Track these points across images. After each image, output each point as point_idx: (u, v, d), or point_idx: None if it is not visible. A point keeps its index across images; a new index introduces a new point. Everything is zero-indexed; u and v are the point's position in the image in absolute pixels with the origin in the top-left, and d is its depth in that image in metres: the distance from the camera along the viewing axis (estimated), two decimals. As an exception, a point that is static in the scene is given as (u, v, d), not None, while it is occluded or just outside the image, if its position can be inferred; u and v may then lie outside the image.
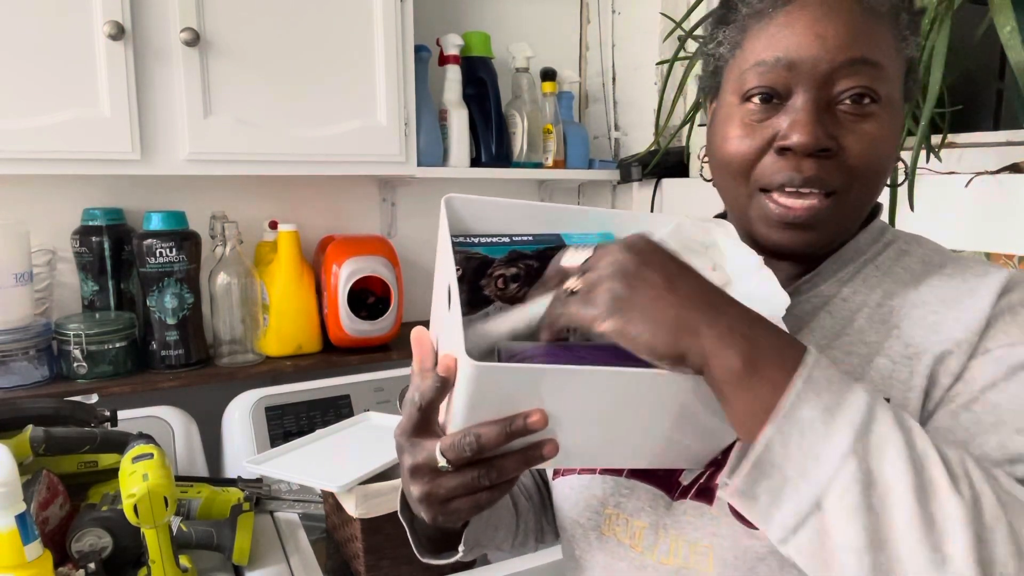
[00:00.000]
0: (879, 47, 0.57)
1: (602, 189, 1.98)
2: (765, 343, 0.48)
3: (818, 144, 0.57)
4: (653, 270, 0.49)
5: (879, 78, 0.57)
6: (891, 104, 0.59)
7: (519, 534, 0.80)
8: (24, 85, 1.19)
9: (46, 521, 1.02)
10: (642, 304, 0.48)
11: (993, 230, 1.08)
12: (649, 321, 0.48)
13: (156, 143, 1.29)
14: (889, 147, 0.59)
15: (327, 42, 1.41)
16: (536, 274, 0.62)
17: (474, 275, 0.61)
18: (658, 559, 0.62)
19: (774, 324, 0.51)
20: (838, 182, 0.58)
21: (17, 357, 1.33)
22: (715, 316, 0.48)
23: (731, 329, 0.48)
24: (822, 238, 0.61)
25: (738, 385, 0.48)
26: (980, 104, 1.30)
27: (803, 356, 0.48)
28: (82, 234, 1.43)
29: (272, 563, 1.14)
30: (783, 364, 0.47)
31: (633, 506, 0.65)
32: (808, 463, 0.46)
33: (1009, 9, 0.89)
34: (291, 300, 1.56)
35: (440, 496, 0.54)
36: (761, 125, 0.60)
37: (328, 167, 1.45)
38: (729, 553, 0.58)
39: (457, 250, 0.60)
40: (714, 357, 0.47)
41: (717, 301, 0.49)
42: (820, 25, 0.57)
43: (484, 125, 1.69)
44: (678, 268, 0.50)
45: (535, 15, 1.93)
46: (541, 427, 0.50)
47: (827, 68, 0.57)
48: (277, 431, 1.42)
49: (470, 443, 0.51)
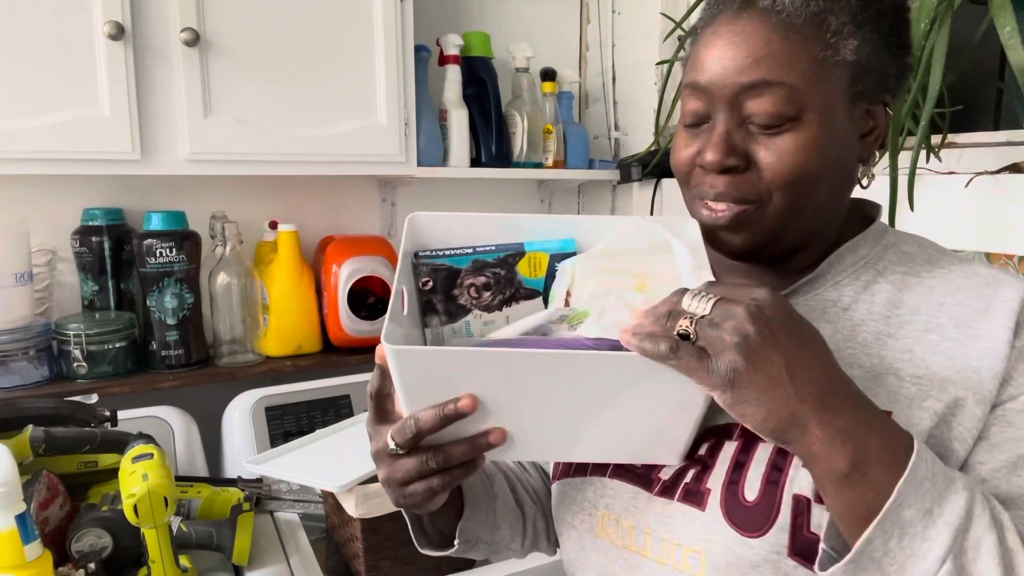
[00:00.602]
0: (788, 64, 0.57)
1: (602, 189, 1.98)
2: (874, 445, 0.50)
3: (722, 163, 0.59)
4: (777, 350, 0.49)
5: (787, 97, 0.57)
6: (815, 112, 0.58)
7: (528, 534, 0.81)
8: (24, 85, 1.19)
9: (46, 521, 1.02)
10: (760, 386, 0.49)
11: (993, 230, 1.08)
12: (762, 406, 0.49)
13: (156, 143, 1.29)
14: (811, 156, 0.58)
15: (327, 42, 1.41)
16: (505, 281, 0.65)
17: (445, 285, 0.66)
18: (654, 558, 0.63)
19: (885, 418, 0.52)
20: (752, 194, 0.60)
21: (17, 357, 1.33)
22: (829, 416, 0.50)
23: (842, 433, 0.49)
24: (756, 239, 0.62)
25: (843, 485, 0.50)
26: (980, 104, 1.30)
27: (909, 456, 0.49)
28: (82, 234, 1.43)
29: (272, 563, 1.14)
30: (889, 467, 0.49)
31: (619, 506, 0.66)
32: (907, 562, 0.49)
33: (1009, 9, 0.89)
34: (291, 300, 1.56)
35: (397, 479, 0.59)
36: (693, 139, 0.63)
37: (328, 167, 1.45)
38: (722, 559, 0.58)
39: (424, 263, 0.66)
40: (820, 457, 0.50)
41: (834, 395, 0.50)
42: (726, 48, 0.59)
43: (484, 125, 1.69)
44: (802, 347, 0.50)
45: (535, 15, 1.93)
46: (471, 409, 0.54)
47: (730, 92, 0.59)
48: (277, 431, 1.42)
49: (410, 427, 0.55)
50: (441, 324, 0.67)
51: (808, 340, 0.51)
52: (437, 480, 0.58)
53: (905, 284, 0.63)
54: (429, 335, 0.67)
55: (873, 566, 0.49)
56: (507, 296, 0.66)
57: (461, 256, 0.66)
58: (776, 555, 0.56)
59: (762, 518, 0.57)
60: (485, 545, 0.77)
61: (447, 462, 0.57)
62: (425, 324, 0.67)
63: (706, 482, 0.61)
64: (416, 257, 0.66)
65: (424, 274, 0.66)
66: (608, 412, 0.57)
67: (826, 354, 0.52)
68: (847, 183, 0.64)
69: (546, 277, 0.66)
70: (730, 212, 0.61)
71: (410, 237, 0.67)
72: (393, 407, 0.60)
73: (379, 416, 0.61)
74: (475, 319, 0.67)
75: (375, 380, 0.60)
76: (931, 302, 0.61)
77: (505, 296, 0.66)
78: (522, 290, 0.66)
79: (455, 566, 1.19)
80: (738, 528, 0.58)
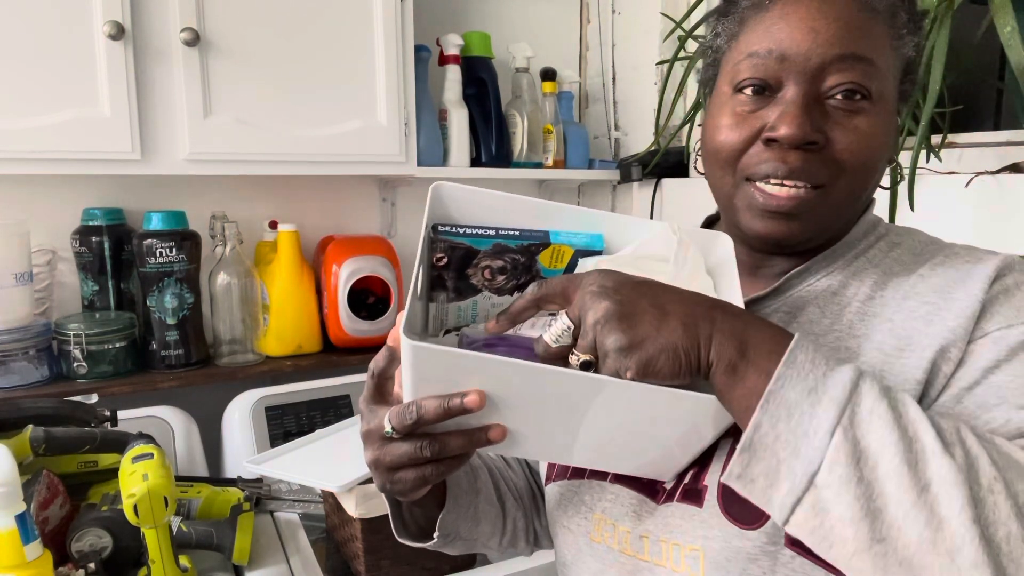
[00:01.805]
0: (873, 44, 0.57)
1: (602, 189, 1.98)
2: (756, 335, 0.51)
3: (805, 137, 0.57)
4: (635, 299, 0.51)
5: (871, 75, 0.57)
6: (883, 100, 0.59)
7: (506, 533, 0.80)
8: (24, 85, 1.19)
9: (46, 521, 1.02)
10: (647, 337, 0.50)
11: (993, 230, 1.08)
12: (662, 344, 0.49)
13: (156, 143, 1.29)
14: (879, 143, 0.59)
15: (327, 42, 1.41)
16: (522, 268, 0.63)
17: (459, 264, 0.63)
18: (652, 561, 0.62)
19: (761, 317, 0.53)
20: (824, 175, 0.58)
21: (17, 357, 1.33)
22: (717, 322, 0.51)
23: (731, 331, 0.51)
24: (806, 229, 0.61)
25: (734, 376, 0.50)
26: (980, 104, 1.30)
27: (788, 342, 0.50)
28: (82, 234, 1.43)
29: (272, 563, 1.14)
30: (771, 352, 0.50)
31: (618, 511, 0.65)
32: (798, 442, 0.47)
33: (1009, 9, 0.89)
34: (291, 300, 1.56)
35: (386, 463, 0.57)
36: (751, 115, 0.60)
37: (328, 167, 1.45)
38: (720, 555, 0.58)
39: (442, 239, 0.61)
40: (717, 356, 0.50)
41: (703, 306, 0.52)
42: (814, 19, 0.57)
43: (484, 125, 1.69)
44: (654, 290, 0.52)
45: (535, 15, 1.93)
46: (477, 407, 0.53)
47: (818, 62, 0.57)
48: (277, 431, 1.42)
49: (411, 413, 0.54)
50: (447, 301, 0.65)
51: (653, 283, 0.53)
52: (430, 469, 0.57)
53: (890, 269, 0.64)
54: (433, 310, 0.65)
55: (767, 452, 0.48)
56: (521, 283, 0.64)
57: (483, 238, 0.62)
58: (773, 545, 0.56)
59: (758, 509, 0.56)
60: (463, 541, 0.76)
61: (441, 452, 0.56)
62: (431, 299, 0.65)
63: (703, 479, 0.61)
64: (435, 230, 0.62)
65: (440, 249, 0.62)
66: (617, 431, 0.57)
67: (675, 288, 0.53)
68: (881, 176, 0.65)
69: (565, 270, 0.63)
70: (796, 196, 0.59)
71: (433, 208, 0.63)
72: (392, 389, 0.59)
73: (376, 396, 0.59)
74: (484, 299, 0.64)
75: (381, 360, 0.58)
76: (911, 276, 0.62)
77: (520, 282, 0.63)
78: (539, 279, 0.63)
79: (455, 566, 1.19)
80: (736, 521, 0.58)
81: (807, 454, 0.47)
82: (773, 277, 0.67)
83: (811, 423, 0.47)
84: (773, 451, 0.48)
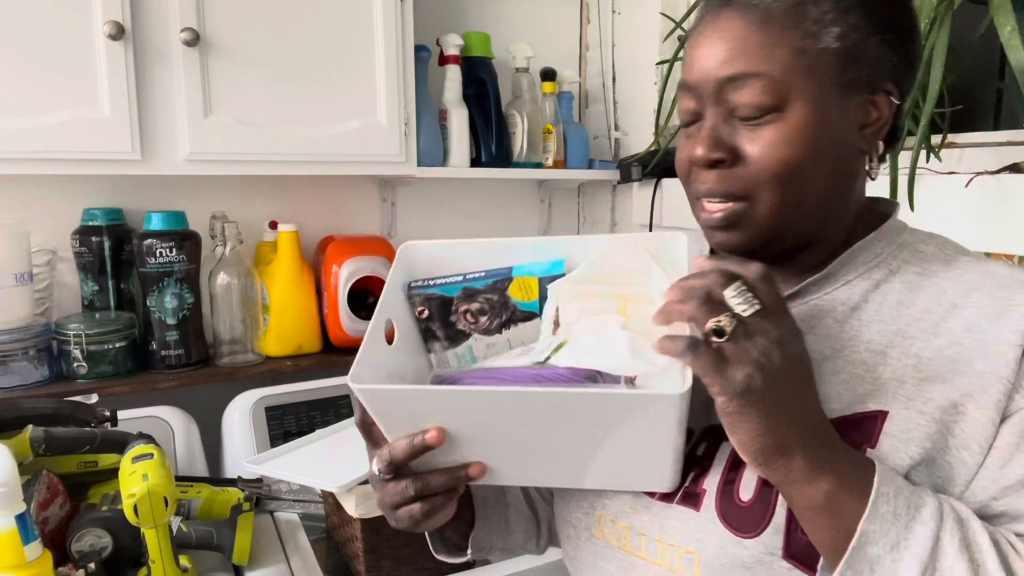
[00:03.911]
0: (769, 54, 0.57)
1: (602, 189, 1.98)
2: (847, 479, 0.51)
3: (705, 158, 0.60)
4: (790, 382, 0.51)
5: (768, 88, 0.57)
6: (801, 104, 0.57)
7: (542, 535, 0.83)
8: (24, 85, 1.19)
9: (46, 521, 1.02)
10: (766, 406, 0.50)
11: (993, 230, 1.08)
12: (760, 425, 0.50)
13: (156, 143, 1.29)
14: (796, 149, 0.58)
15: (327, 42, 1.41)
16: (500, 306, 0.68)
17: (440, 313, 0.69)
18: (648, 559, 0.62)
19: (858, 454, 0.54)
20: (742, 188, 0.60)
21: (17, 357, 1.33)
22: (813, 449, 0.51)
23: (821, 465, 0.51)
24: (749, 239, 0.62)
25: (818, 515, 0.52)
26: (980, 104, 1.30)
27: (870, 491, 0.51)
28: (82, 234, 1.43)
29: (272, 563, 1.14)
30: (858, 501, 0.51)
31: (617, 508, 0.66)
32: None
33: (1009, 9, 0.89)
34: (291, 300, 1.56)
35: (386, 502, 0.62)
36: (690, 139, 0.64)
37: (328, 167, 1.45)
38: (715, 560, 0.58)
39: (416, 293, 0.69)
40: (798, 487, 0.52)
41: (820, 431, 0.53)
42: (712, 43, 0.60)
43: (484, 125, 1.69)
44: (805, 384, 0.52)
45: (535, 15, 1.93)
46: (437, 442, 0.56)
47: (715, 86, 0.59)
48: (277, 431, 1.42)
49: (384, 456, 0.59)
50: (444, 349, 0.70)
51: (812, 383, 0.53)
52: (418, 507, 0.61)
53: (917, 285, 0.61)
54: (434, 360, 0.70)
55: None
56: (504, 320, 0.68)
57: (451, 284, 0.68)
58: (770, 556, 0.56)
59: (757, 518, 0.57)
60: (499, 550, 0.79)
61: (425, 490, 0.60)
62: (428, 350, 0.70)
63: (702, 483, 0.60)
64: (409, 288, 0.69)
65: (419, 303, 0.68)
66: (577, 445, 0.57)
67: (818, 399, 0.54)
68: (848, 176, 0.62)
69: (539, 299, 0.67)
70: (721, 211, 0.61)
71: (400, 267, 0.69)
72: (380, 433, 0.62)
73: (370, 442, 0.63)
74: (477, 342, 0.69)
75: (357, 412, 0.62)
76: (943, 303, 0.60)
77: (503, 320, 0.68)
78: (518, 313, 0.68)
79: (455, 566, 1.19)
80: (732, 528, 0.58)
81: None
82: (790, 281, 0.66)
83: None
84: None
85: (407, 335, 0.69)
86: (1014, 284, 0.58)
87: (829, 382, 0.60)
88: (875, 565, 0.50)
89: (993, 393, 0.55)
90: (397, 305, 0.68)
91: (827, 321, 0.62)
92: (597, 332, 0.59)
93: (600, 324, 0.60)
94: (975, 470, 0.55)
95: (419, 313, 0.69)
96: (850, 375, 0.59)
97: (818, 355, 0.61)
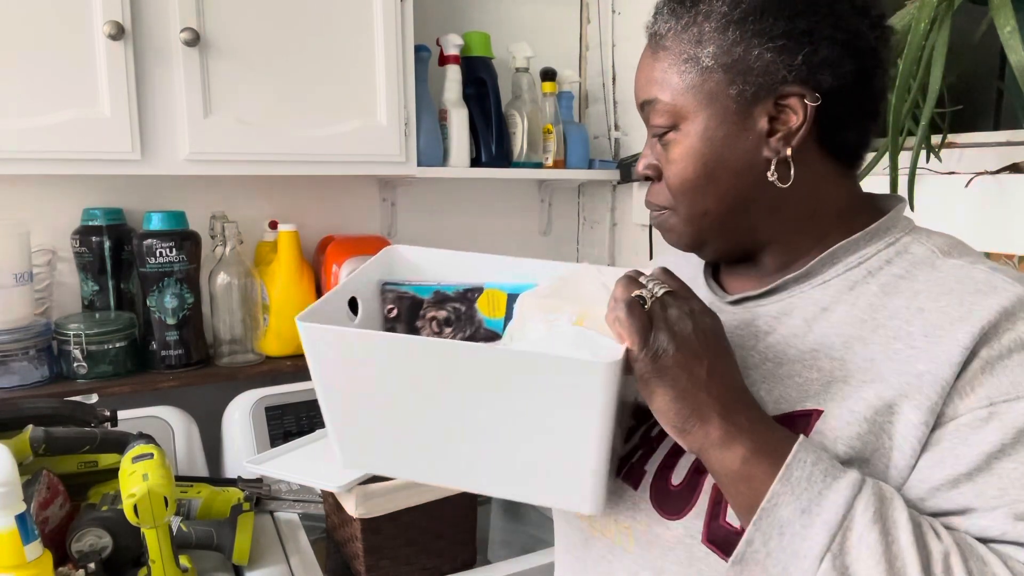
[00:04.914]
0: (660, 79, 0.63)
1: (602, 189, 1.98)
2: (763, 446, 0.52)
3: (641, 174, 0.68)
4: (705, 352, 0.53)
5: (661, 111, 0.63)
6: (691, 122, 0.62)
7: None
8: (24, 85, 1.19)
9: (46, 521, 1.02)
10: (678, 372, 0.52)
11: (993, 230, 1.08)
12: (674, 389, 0.52)
13: (156, 143, 1.29)
14: (689, 162, 0.62)
15: (327, 42, 1.41)
16: (465, 319, 0.70)
17: (408, 315, 0.71)
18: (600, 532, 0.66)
19: (780, 427, 0.54)
20: (663, 200, 0.67)
21: (17, 357, 1.33)
22: (730, 416, 0.53)
23: (738, 431, 0.52)
24: (684, 240, 0.67)
25: (733, 482, 0.52)
26: (980, 104, 1.30)
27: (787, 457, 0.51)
28: (82, 234, 1.43)
29: (272, 563, 1.14)
30: (772, 467, 0.51)
31: None
32: (788, 562, 0.50)
33: (1009, 9, 0.89)
34: (291, 300, 1.56)
35: None
36: None
37: (328, 167, 1.45)
38: (644, 536, 0.61)
39: (390, 290, 0.71)
40: (715, 452, 0.53)
41: (738, 402, 0.54)
42: (638, 71, 0.67)
43: (484, 125, 1.69)
44: (722, 358, 0.55)
45: (535, 15, 1.93)
46: None
47: (641, 111, 0.67)
48: (277, 431, 1.42)
49: None
50: None
51: (728, 356, 0.55)
52: None
53: (894, 288, 0.60)
54: None
55: (758, 568, 0.51)
56: (467, 335, 0.70)
57: (425, 286, 0.71)
58: (690, 539, 0.58)
59: (682, 503, 0.59)
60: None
61: None
62: None
63: (645, 463, 0.64)
64: (383, 285, 0.72)
65: (389, 301, 0.70)
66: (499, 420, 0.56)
67: (737, 372, 0.56)
68: (761, 183, 0.61)
69: (505, 318, 0.69)
70: (656, 217, 0.69)
71: (378, 265, 0.72)
72: None
73: None
74: None
75: None
76: (911, 307, 0.58)
77: (466, 335, 0.70)
78: (482, 330, 0.70)
79: (455, 566, 1.19)
80: (660, 509, 0.61)
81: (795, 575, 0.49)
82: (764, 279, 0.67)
83: (802, 544, 0.49)
84: (764, 567, 0.51)
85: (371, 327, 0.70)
86: (986, 290, 0.56)
87: (784, 384, 0.59)
88: (785, 528, 0.50)
89: (930, 394, 0.53)
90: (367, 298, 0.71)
91: (796, 320, 0.62)
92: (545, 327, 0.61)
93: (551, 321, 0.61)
94: (907, 473, 0.54)
95: (388, 312, 0.70)
96: (805, 379, 0.59)
97: (781, 356, 0.61)
